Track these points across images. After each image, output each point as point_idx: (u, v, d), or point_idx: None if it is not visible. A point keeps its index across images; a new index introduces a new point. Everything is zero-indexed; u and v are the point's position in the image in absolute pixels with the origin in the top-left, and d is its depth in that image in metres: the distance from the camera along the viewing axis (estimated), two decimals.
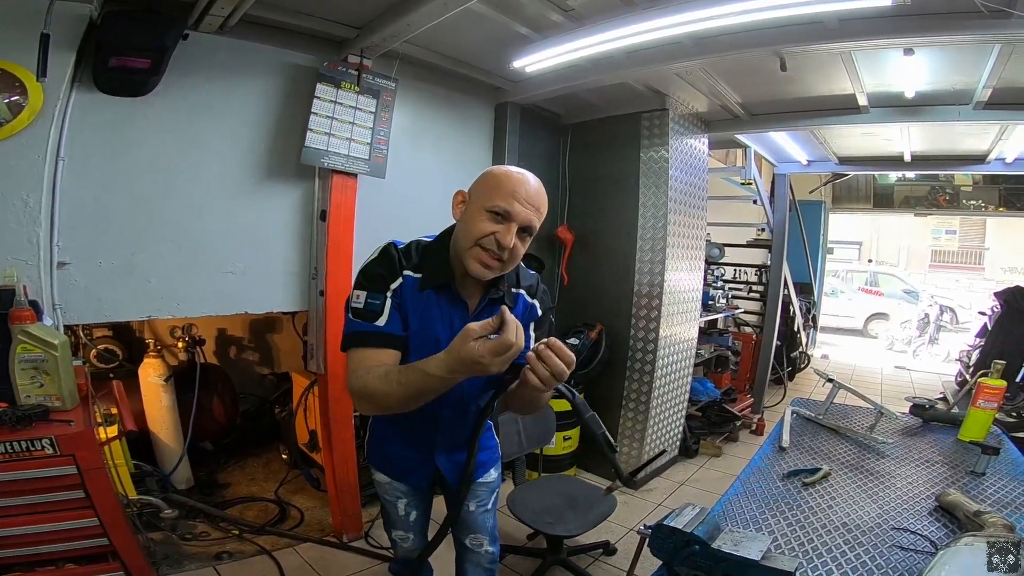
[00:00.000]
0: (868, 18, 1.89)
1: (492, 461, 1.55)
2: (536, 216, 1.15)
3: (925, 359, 7.25)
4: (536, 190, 1.16)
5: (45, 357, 1.32)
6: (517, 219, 1.12)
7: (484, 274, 1.15)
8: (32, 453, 1.21)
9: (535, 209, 1.14)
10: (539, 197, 1.16)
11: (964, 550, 1.02)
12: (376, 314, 1.14)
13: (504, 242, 1.11)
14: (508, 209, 1.11)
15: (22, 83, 1.65)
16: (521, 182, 1.14)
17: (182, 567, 2.21)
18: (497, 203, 1.11)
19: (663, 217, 2.96)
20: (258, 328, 3.81)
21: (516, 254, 1.16)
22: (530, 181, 1.16)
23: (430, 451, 1.38)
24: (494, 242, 1.11)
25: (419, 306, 1.19)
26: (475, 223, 1.13)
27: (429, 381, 1.00)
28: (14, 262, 1.61)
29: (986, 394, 1.87)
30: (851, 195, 8.19)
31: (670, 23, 1.93)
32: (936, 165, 4.07)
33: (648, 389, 3.06)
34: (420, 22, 1.97)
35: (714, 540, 1.03)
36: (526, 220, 1.13)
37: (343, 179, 2.35)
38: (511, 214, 1.11)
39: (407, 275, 1.19)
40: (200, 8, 1.86)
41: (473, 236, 1.13)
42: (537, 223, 1.16)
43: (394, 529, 1.53)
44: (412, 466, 1.41)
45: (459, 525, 1.55)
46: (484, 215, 1.13)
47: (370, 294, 1.15)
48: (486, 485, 1.52)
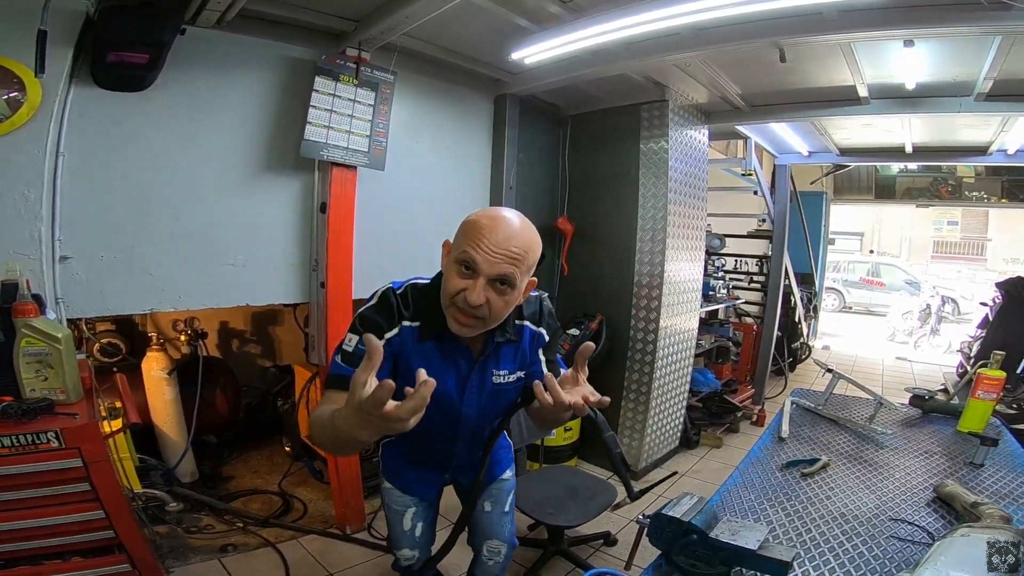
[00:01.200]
0: (867, 9, 1.87)
1: (508, 462, 1.54)
2: (508, 264, 1.02)
3: (926, 350, 7.25)
4: (508, 235, 1.03)
5: (49, 351, 1.33)
6: (483, 271, 1.01)
7: (464, 333, 1.09)
8: (38, 446, 1.23)
9: (505, 257, 1.02)
10: (514, 241, 1.03)
11: (960, 541, 1.03)
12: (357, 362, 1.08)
13: (471, 299, 1.02)
14: (473, 258, 1.01)
15: (20, 79, 1.65)
16: (491, 228, 1.03)
17: (188, 560, 2.24)
18: (463, 252, 1.03)
19: (663, 208, 2.96)
20: (260, 321, 3.82)
21: (496, 310, 1.06)
22: (505, 224, 1.04)
23: (444, 468, 1.41)
24: (464, 299, 1.03)
25: (421, 355, 1.14)
26: (448, 278, 1.07)
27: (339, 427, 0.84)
28: (16, 256, 1.62)
29: (985, 385, 1.87)
30: (853, 186, 8.17)
31: (669, 14, 1.91)
32: (938, 156, 4.05)
33: (648, 380, 3.07)
34: (418, 14, 1.96)
35: (712, 530, 1.04)
36: (495, 272, 1.02)
37: (342, 171, 2.35)
38: (476, 264, 1.01)
39: (405, 326, 1.13)
40: (197, 2, 1.85)
41: (448, 293, 1.06)
42: (511, 271, 1.03)
43: (398, 548, 1.49)
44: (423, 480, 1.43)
45: (475, 530, 1.54)
46: (454, 268, 1.05)
47: (361, 341, 1.07)
48: (502, 482, 1.51)
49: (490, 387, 1.23)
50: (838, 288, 11.19)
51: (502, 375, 1.23)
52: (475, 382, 1.21)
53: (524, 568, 2.30)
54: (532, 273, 1.12)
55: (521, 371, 1.25)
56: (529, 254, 1.06)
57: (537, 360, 1.27)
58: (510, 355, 1.23)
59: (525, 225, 1.08)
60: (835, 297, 11.16)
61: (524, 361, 1.25)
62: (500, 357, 1.22)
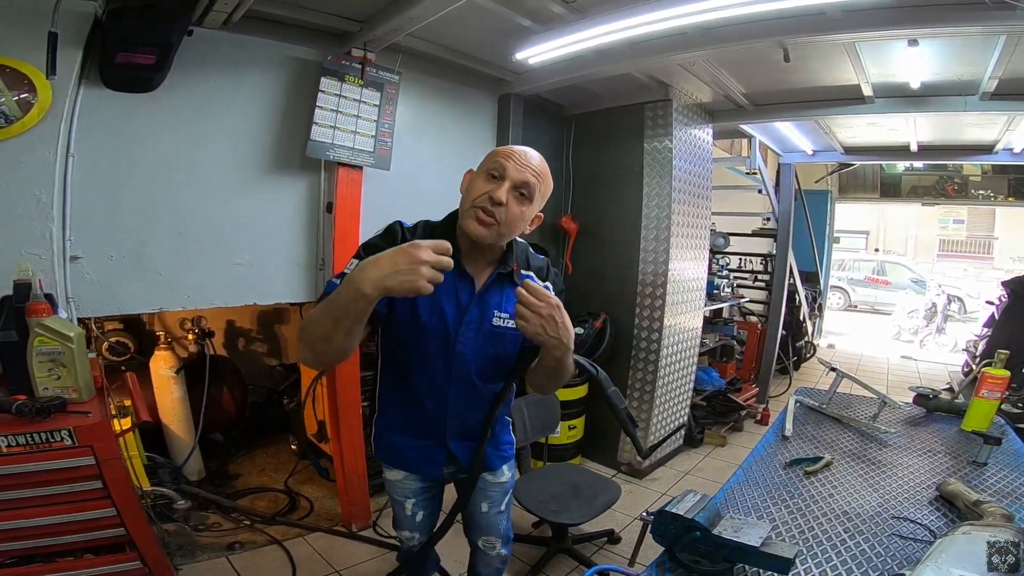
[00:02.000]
0: (871, 9, 1.87)
1: (508, 457, 1.53)
2: (533, 176, 1.15)
3: (932, 349, 7.21)
4: (535, 157, 1.18)
5: (62, 350, 1.35)
6: (511, 176, 1.13)
7: (479, 231, 1.14)
8: (51, 444, 1.25)
9: (532, 171, 1.15)
10: (538, 164, 1.18)
11: (961, 539, 1.03)
12: None
13: (496, 196, 1.11)
14: (503, 166, 1.13)
15: (31, 80, 1.67)
16: (518, 150, 1.18)
17: (196, 558, 2.26)
18: (494, 162, 1.15)
19: (667, 207, 2.96)
20: (266, 320, 3.85)
21: (512, 217, 1.15)
22: (529, 152, 1.19)
23: (441, 438, 1.36)
24: (487, 199, 1.12)
25: None
26: (474, 185, 1.16)
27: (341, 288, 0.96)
28: (28, 256, 1.64)
29: (989, 384, 1.87)
30: (858, 184, 8.11)
31: (672, 14, 1.92)
32: (943, 155, 4.03)
33: (652, 378, 3.08)
34: (422, 15, 1.97)
35: (715, 527, 1.05)
36: (520, 178, 1.14)
37: (348, 171, 2.37)
38: (505, 171, 1.13)
39: None
40: (204, 4, 1.87)
41: (470, 197, 1.16)
42: (535, 183, 1.16)
43: (400, 529, 1.54)
44: (422, 455, 1.39)
45: (472, 526, 1.56)
46: (481, 177, 1.16)
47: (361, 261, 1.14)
48: (499, 485, 1.51)
49: (488, 327, 1.24)
50: (843, 286, 11.15)
51: (502, 318, 1.25)
52: (474, 315, 1.23)
53: (528, 566, 2.32)
54: (543, 206, 1.23)
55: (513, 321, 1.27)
56: (545, 180, 1.20)
57: None
58: (511, 299, 1.22)
59: (544, 161, 1.21)
60: (840, 296, 11.12)
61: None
62: (503, 297, 1.25)
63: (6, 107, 1.63)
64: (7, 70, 1.64)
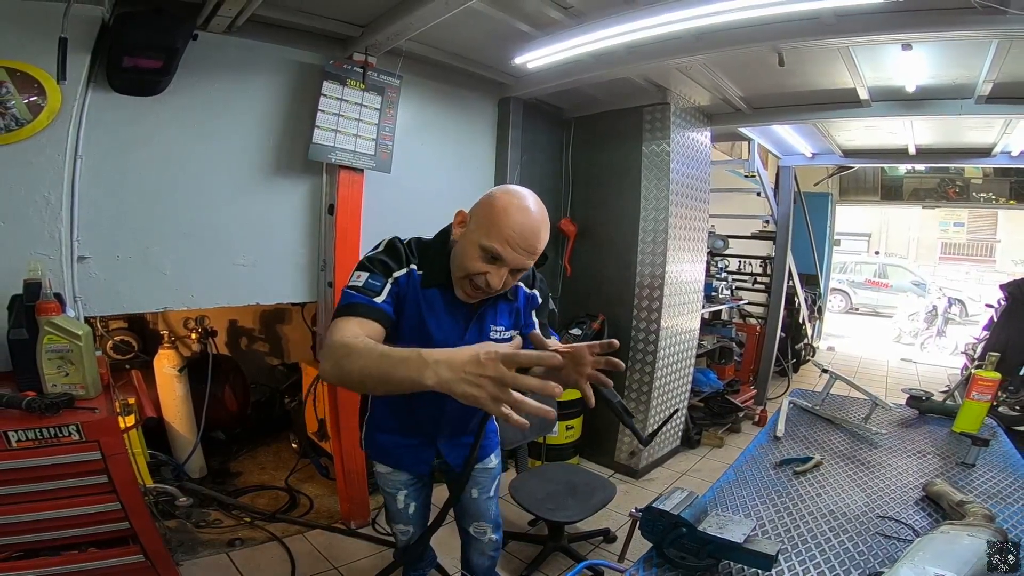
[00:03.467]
0: (864, 14, 1.90)
1: (492, 447, 1.59)
2: (530, 258, 1.14)
3: (932, 352, 7.22)
4: (533, 229, 1.11)
5: (70, 347, 1.39)
6: (509, 263, 1.12)
7: (470, 300, 1.21)
8: (60, 439, 1.28)
9: (528, 253, 1.13)
10: (536, 236, 1.12)
11: (940, 538, 1.05)
12: (374, 292, 1.14)
13: (493, 284, 1.13)
14: (501, 254, 1.10)
15: (40, 84, 1.71)
16: (518, 223, 1.09)
17: (197, 553, 2.30)
18: (492, 244, 1.10)
19: (664, 209, 2.99)
20: (268, 319, 3.88)
21: (506, 287, 1.19)
22: (529, 217, 1.11)
23: (431, 437, 1.41)
24: (484, 282, 1.14)
25: (420, 301, 1.21)
26: (469, 257, 1.14)
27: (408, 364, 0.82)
28: (38, 256, 1.68)
29: (980, 386, 1.88)
30: (858, 187, 8.14)
31: (668, 20, 1.95)
32: (941, 158, 4.05)
33: (650, 380, 3.10)
34: (422, 21, 2.01)
35: (700, 523, 1.08)
36: (518, 264, 1.13)
37: (350, 174, 2.40)
38: (503, 259, 1.11)
39: (413, 268, 1.21)
40: (208, 9, 1.91)
41: (465, 269, 1.15)
42: (531, 262, 1.16)
43: (394, 523, 1.58)
44: (411, 453, 1.44)
45: (462, 513, 1.60)
46: (478, 251, 1.12)
47: (371, 275, 1.16)
48: (487, 471, 1.56)
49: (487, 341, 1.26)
50: (844, 289, 11.15)
51: (499, 330, 1.30)
52: (473, 333, 1.27)
53: (525, 564, 2.35)
54: None
55: (515, 329, 1.33)
56: (544, 243, 1.17)
57: (531, 322, 1.36)
58: (506, 312, 1.31)
59: (543, 215, 1.15)
60: (842, 298, 11.12)
61: (518, 321, 1.34)
62: (497, 312, 1.30)
63: (16, 110, 1.67)
64: (17, 74, 1.68)
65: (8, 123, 1.66)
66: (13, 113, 1.66)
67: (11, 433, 1.25)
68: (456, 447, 1.44)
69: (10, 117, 1.66)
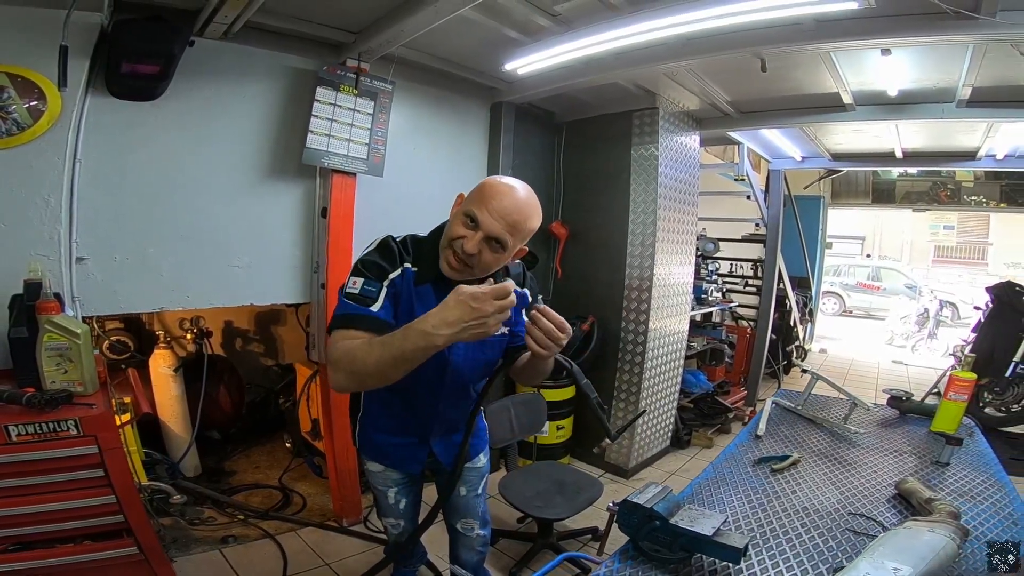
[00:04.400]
0: (842, 20, 1.95)
1: (482, 446, 1.63)
2: (507, 231, 1.14)
3: (924, 354, 7.29)
4: (515, 205, 1.15)
5: (69, 345, 1.43)
6: (483, 228, 1.14)
7: (451, 275, 1.20)
8: (58, 434, 1.33)
9: (506, 224, 1.14)
10: (517, 212, 1.15)
11: (902, 533, 1.09)
12: (371, 300, 1.17)
13: (467, 247, 1.14)
14: (478, 216, 1.14)
15: (40, 89, 1.74)
16: (500, 194, 1.15)
17: (190, 550, 2.33)
18: (471, 208, 1.15)
19: (652, 212, 3.04)
20: (263, 320, 3.92)
21: (484, 263, 1.18)
22: (513, 194, 1.16)
23: (424, 436, 1.44)
24: (460, 246, 1.15)
25: (416, 298, 1.23)
26: (453, 223, 1.19)
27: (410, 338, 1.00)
28: (37, 257, 1.72)
29: (956, 387, 1.92)
30: (850, 190, 8.21)
31: (652, 27, 2.00)
32: (928, 161, 4.12)
33: (639, 380, 3.15)
34: (414, 28, 2.05)
35: (673, 516, 1.12)
36: (493, 231, 1.14)
37: (343, 178, 2.45)
38: (479, 221, 1.14)
39: (407, 267, 1.24)
40: (205, 15, 1.95)
41: (449, 236, 1.19)
42: (508, 238, 1.15)
43: (385, 517, 1.62)
44: (405, 452, 1.47)
45: (451, 510, 1.63)
46: (460, 217, 1.17)
47: (367, 281, 1.18)
48: (476, 470, 1.60)
49: None
50: (838, 292, 11.23)
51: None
52: None
53: (514, 560, 2.39)
54: (526, 242, 1.24)
55: (505, 327, 1.33)
56: (526, 226, 1.18)
57: (521, 321, 1.35)
58: None
59: (530, 201, 1.19)
60: (835, 301, 11.20)
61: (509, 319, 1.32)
62: None
63: (18, 115, 1.71)
64: (18, 79, 1.72)
65: (10, 127, 1.70)
66: (14, 118, 1.70)
67: (11, 427, 1.29)
68: (448, 446, 1.47)
69: (11, 121, 1.70)
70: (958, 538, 1.07)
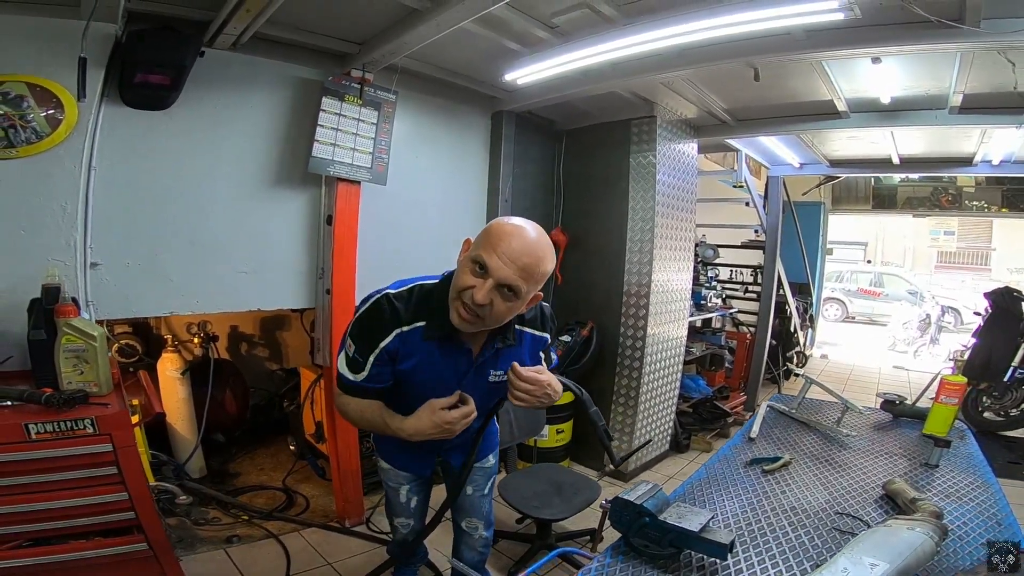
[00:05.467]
0: (832, 29, 2.00)
1: (492, 447, 1.67)
2: (518, 275, 1.08)
3: (926, 359, 7.29)
4: (525, 248, 1.09)
5: (86, 347, 1.49)
6: (494, 275, 1.07)
7: (463, 327, 1.15)
8: (75, 432, 1.39)
9: (517, 268, 1.07)
10: (527, 255, 1.08)
11: (882, 531, 1.12)
12: (358, 368, 1.22)
13: (477, 298, 1.07)
14: (486, 262, 1.07)
15: (58, 98, 1.80)
16: (509, 235, 1.09)
17: (195, 550, 2.37)
18: (479, 253, 1.09)
19: (650, 219, 3.09)
20: (268, 325, 3.97)
21: (497, 313, 1.11)
22: (522, 235, 1.10)
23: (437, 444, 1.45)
24: (470, 296, 1.09)
25: (425, 351, 1.22)
26: (461, 273, 1.13)
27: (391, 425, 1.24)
28: (54, 262, 1.78)
29: (947, 390, 1.95)
30: (850, 196, 8.23)
31: (647, 38, 2.06)
32: (925, 167, 4.16)
33: (637, 385, 3.19)
34: (416, 40, 2.12)
35: (662, 513, 1.16)
36: (504, 278, 1.07)
37: (347, 186, 2.51)
38: (488, 268, 1.07)
39: (403, 331, 1.19)
40: (215, 26, 2.01)
41: (457, 287, 1.13)
42: (520, 284, 1.09)
43: (396, 516, 1.66)
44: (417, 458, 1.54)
45: (457, 508, 1.67)
46: (468, 265, 1.11)
47: (357, 349, 1.21)
48: (484, 470, 1.65)
49: (485, 386, 1.33)
50: (840, 298, 11.23)
51: (499, 375, 1.30)
52: (471, 380, 1.29)
53: (512, 561, 2.43)
54: (540, 287, 1.17)
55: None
56: (539, 269, 1.11)
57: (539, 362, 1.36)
58: (508, 358, 1.26)
59: (541, 241, 1.13)
60: (838, 307, 11.19)
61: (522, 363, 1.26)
62: (499, 360, 1.30)
63: (36, 123, 1.77)
64: (37, 88, 1.78)
65: (29, 136, 1.76)
66: (33, 126, 1.77)
67: (31, 425, 1.35)
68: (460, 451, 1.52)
69: (30, 130, 1.76)
70: (936, 536, 1.11)
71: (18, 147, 1.75)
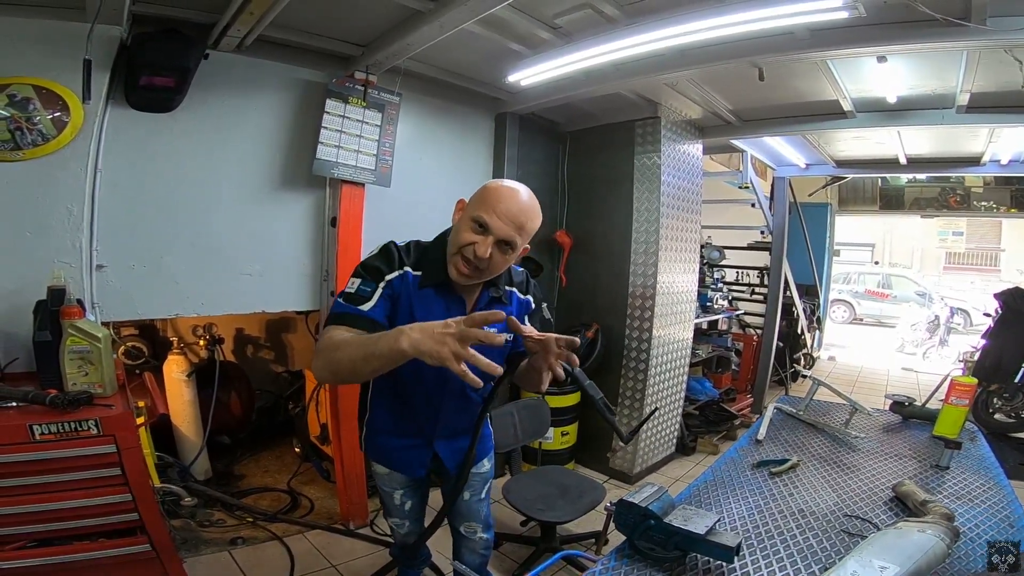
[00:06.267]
0: (836, 28, 1.98)
1: (486, 451, 1.65)
2: (516, 232, 1.21)
3: (935, 361, 7.21)
4: (520, 208, 1.21)
5: (91, 349, 1.50)
6: (495, 232, 1.19)
7: (461, 280, 1.25)
8: (79, 433, 1.39)
9: (515, 226, 1.20)
10: (523, 214, 1.21)
11: (892, 533, 1.10)
12: (364, 299, 1.22)
13: (479, 252, 1.19)
14: (487, 221, 1.19)
15: (64, 100, 1.82)
16: (507, 197, 1.21)
17: (199, 551, 2.37)
18: (479, 213, 1.20)
19: (655, 221, 3.07)
20: (273, 328, 3.98)
21: (495, 265, 1.24)
22: (517, 197, 1.22)
23: (428, 439, 1.47)
24: (472, 252, 1.20)
25: (419, 301, 1.27)
26: (461, 231, 1.23)
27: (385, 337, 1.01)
28: (61, 265, 1.79)
29: (958, 391, 1.93)
30: (857, 197, 8.18)
31: (650, 39, 2.05)
32: (932, 167, 4.12)
33: (643, 387, 3.17)
34: (419, 42, 2.12)
35: (667, 516, 1.14)
36: (504, 235, 1.20)
37: (351, 188, 2.51)
38: (489, 226, 1.19)
39: (408, 271, 1.28)
40: (219, 29, 2.02)
41: (457, 244, 1.23)
42: (517, 239, 1.22)
43: (391, 517, 1.66)
44: (410, 455, 1.50)
45: (454, 514, 1.66)
46: (469, 224, 1.21)
47: (364, 282, 1.24)
48: (480, 475, 1.64)
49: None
50: (848, 299, 11.14)
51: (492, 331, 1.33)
52: None
53: (517, 564, 2.41)
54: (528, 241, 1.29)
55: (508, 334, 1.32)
56: (530, 226, 1.25)
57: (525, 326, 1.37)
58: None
59: (532, 201, 1.26)
60: (845, 309, 11.11)
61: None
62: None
63: (42, 126, 1.79)
64: (43, 91, 1.79)
65: (35, 138, 1.77)
66: (39, 129, 1.78)
67: (35, 426, 1.35)
68: (454, 451, 1.50)
69: (36, 133, 1.77)
70: (948, 538, 1.09)
71: (24, 149, 1.76)
